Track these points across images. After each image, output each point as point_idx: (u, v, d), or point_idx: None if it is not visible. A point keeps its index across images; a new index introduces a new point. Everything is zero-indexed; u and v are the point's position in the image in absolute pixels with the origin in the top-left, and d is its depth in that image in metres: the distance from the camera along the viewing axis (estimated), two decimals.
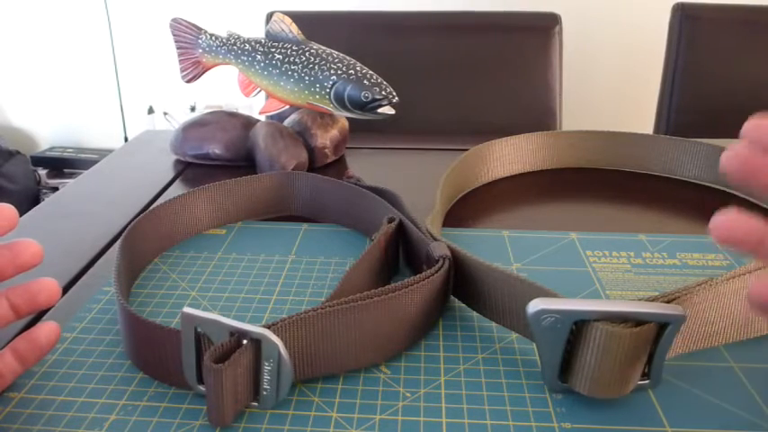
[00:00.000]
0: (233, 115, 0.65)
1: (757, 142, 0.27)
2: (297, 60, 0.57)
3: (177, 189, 0.59)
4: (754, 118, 0.27)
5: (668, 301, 0.31)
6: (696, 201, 0.55)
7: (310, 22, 0.79)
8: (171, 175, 0.62)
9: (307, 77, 0.57)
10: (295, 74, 0.58)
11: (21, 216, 0.53)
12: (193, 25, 0.63)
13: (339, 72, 0.56)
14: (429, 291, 0.35)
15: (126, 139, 1.99)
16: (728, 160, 0.27)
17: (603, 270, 0.43)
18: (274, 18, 0.59)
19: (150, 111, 1.97)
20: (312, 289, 0.41)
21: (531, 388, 0.32)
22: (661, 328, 0.30)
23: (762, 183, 0.27)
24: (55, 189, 1.94)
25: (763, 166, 0.27)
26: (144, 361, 0.34)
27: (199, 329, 0.30)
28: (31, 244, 0.31)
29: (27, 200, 1.86)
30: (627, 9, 1.70)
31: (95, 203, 0.56)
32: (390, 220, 0.41)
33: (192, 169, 0.64)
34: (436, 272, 0.35)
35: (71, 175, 1.96)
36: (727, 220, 0.27)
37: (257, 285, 0.42)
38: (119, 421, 0.30)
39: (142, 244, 0.43)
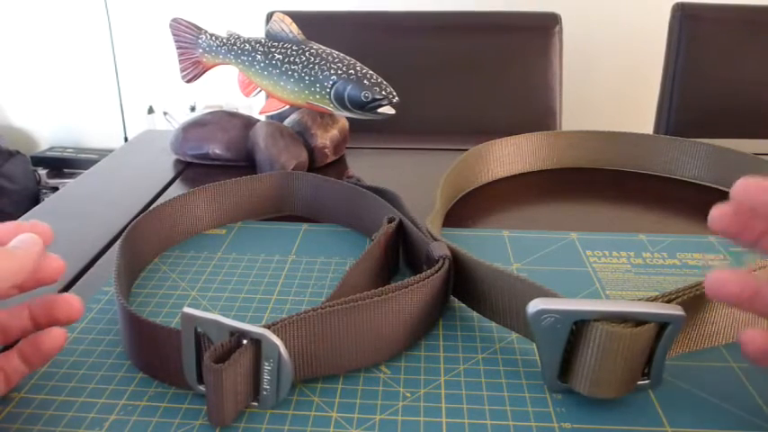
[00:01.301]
0: (233, 115, 0.65)
1: (745, 203, 0.28)
2: (297, 60, 0.57)
3: (177, 189, 0.59)
4: (742, 179, 0.28)
5: (668, 301, 0.31)
6: (696, 201, 0.55)
7: (310, 22, 0.79)
8: (171, 175, 0.62)
9: (307, 77, 0.57)
10: (295, 74, 0.58)
11: (21, 216, 0.53)
12: (193, 25, 0.63)
13: (339, 72, 0.56)
14: (429, 291, 0.35)
15: (126, 139, 1.99)
16: (715, 220, 0.29)
17: (603, 270, 0.43)
18: (274, 18, 0.59)
19: (150, 111, 1.97)
20: (312, 289, 0.41)
21: (531, 388, 0.32)
22: (661, 328, 0.30)
23: (747, 241, 0.29)
24: (55, 189, 1.94)
25: (748, 225, 0.29)
26: (144, 361, 0.34)
27: (199, 329, 0.30)
28: (54, 259, 0.31)
29: (27, 200, 1.86)
30: (627, 9, 1.70)
31: (95, 203, 0.56)
32: (390, 220, 0.41)
33: (192, 169, 0.64)
34: (436, 272, 0.35)
35: (71, 175, 1.96)
36: (719, 278, 0.28)
37: (257, 285, 0.42)
38: (119, 421, 0.30)
39: (142, 244, 0.43)
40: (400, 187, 0.47)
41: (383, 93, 0.56)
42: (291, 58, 0.58)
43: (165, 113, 1.96)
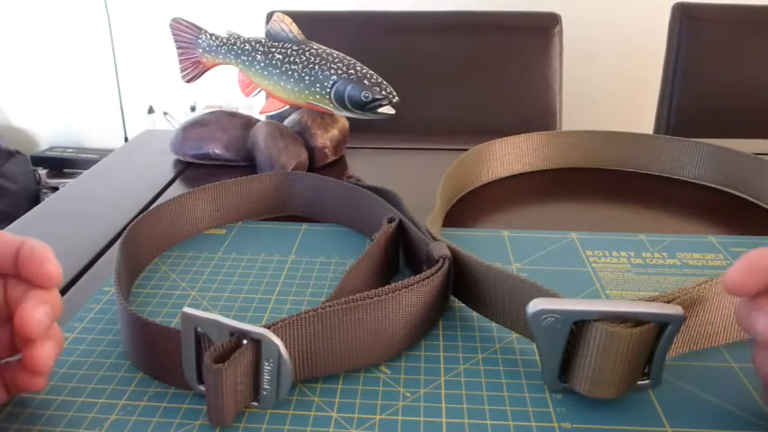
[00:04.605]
0: (233, 115, 0.65)
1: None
2: (297, 60, 0.57)
3: (177, 189, 0.59)
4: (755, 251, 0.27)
5: (668, 301, 0.31)
6: (696, 201, 0.55)
7: (310, 22, 0.79)
8: (171, 175, 0.62)
9: (307, 77, 0.57)
10: (295, 74, 0.58)
11: (21, 216, 0.53)
12: (193, 25, 0.63)
13: (339, 72, 0.56)
14: (429, 291, 0.35)
15: (126, 139, 1.99)
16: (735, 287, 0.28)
17: (603, 270, 0.43)
18: (274, 18, 0.59)
19: (150, 111, 1.97)
20: (312, 289, 0.41)
21: (531, 388, 0.32)
22: (661, 328, 0.30)
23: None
24: (55, 189, 1.94)
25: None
26: (144, 361, 0.34)
27: (199, 329, 0.30)
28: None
29: (27, 200, 1.86)
30: (627, 9, 1.70)
31: (95, 203, 0.56)
32: (390, 220, 0.41)
33: (192, 169, 0.64)
34: (436, 272, 0.35)
35: (71, 175, 1.96)
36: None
37: (257, 285, 0.42)
38: (119, 421, 0.30)
39: (142, 244, 0.43)
40: (400, 187, 0.47)
41: (383, 93, 0.56)
42: (291, 58, 0.58)
43: (165, 113, 1.96)
